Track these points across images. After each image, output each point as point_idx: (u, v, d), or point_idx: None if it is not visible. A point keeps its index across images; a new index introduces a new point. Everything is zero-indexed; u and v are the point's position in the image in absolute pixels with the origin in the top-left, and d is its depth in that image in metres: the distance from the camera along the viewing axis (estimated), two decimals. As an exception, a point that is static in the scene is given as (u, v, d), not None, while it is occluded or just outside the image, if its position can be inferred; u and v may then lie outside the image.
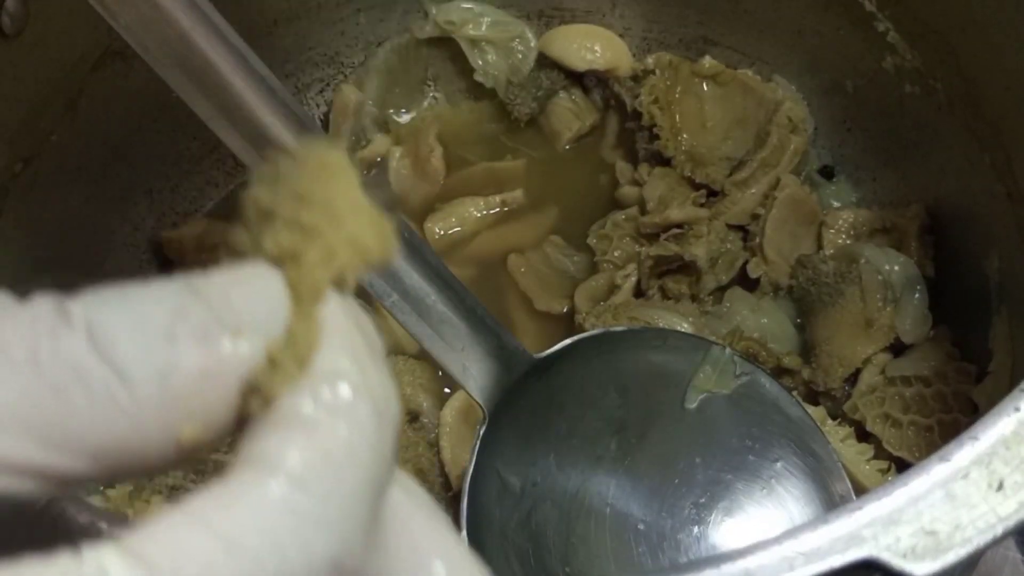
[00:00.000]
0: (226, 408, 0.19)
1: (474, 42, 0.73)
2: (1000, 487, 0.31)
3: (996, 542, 0.30)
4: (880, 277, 0.61)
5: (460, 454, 0.59)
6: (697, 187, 0.68)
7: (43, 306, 0.18)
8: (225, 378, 0.18)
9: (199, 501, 0.17)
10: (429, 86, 0.76)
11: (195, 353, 0.18)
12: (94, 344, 0.18)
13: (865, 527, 0.30)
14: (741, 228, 0.67)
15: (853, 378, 0.61)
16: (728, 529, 0.51)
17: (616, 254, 0.67)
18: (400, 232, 0.48)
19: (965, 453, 0.31)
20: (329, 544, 0.17)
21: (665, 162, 0.70)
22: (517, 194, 0.71)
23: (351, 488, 0.18)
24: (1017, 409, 0.32)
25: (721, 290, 0.66)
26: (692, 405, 0.54)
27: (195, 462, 0.19)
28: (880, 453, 0.58)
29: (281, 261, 0.20)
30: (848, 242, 0.66)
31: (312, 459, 0.18)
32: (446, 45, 0.74)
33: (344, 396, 0.19)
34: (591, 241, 0.69)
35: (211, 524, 0.17)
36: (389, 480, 0.20)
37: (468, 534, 0.48)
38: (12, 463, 0.17)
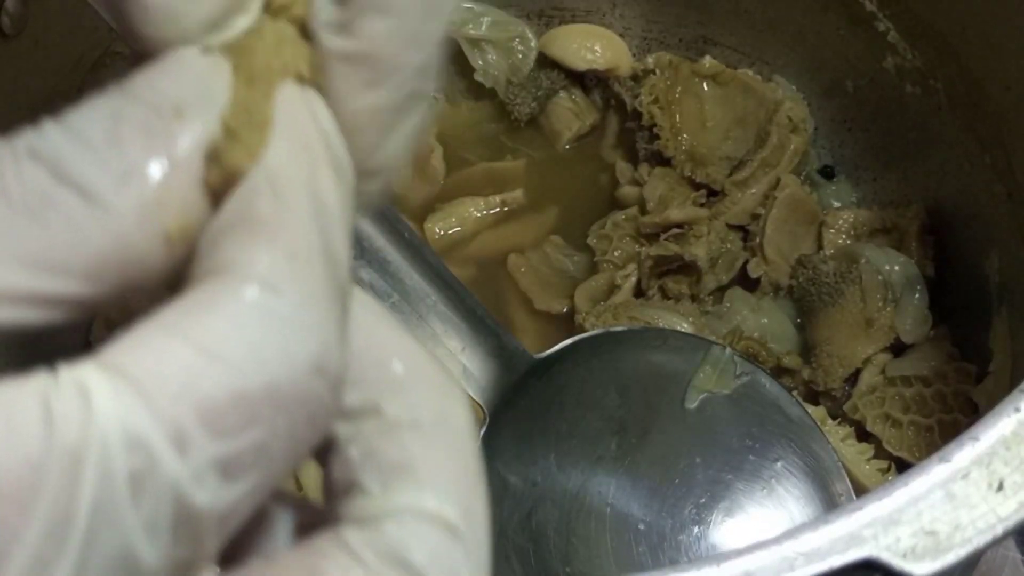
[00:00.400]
0: (199, 191, 0.18)
1: (474, 42, 0.73)
2: (1000, 487, 0.31)
3: (996, 542, 0.30)
4: (880, 277, 0.61)
5: (460, 454, 0.59)
6: (697, 187, 0.68)
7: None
8: (185, 162, 0.18)
9: (173, 314, 0.17)
10: (429, 86, 0.76)
11: (144, 147, 0.18)
12: (52, 172, 0.18)
13: (865, 527, 0.30)
14: (741, 228, 0.67)
15: (853, 378, 0.61)
16: (728, 529, 0.51)
17: (616, 254, 0.67)
18: (401, 232, 0.48)
19: (965, 453, 0.31)
20: (309, 347, 0.17)
21: (665, 162, 0.70)
22: (517, 194, 0.71)
23: (321, 287, 0.18)
24: (1017, 409, 0.32)
25: (721, 290, 0.66)
26: (692, 405, 0.54)
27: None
28: (880, 453, 0.58)
29: (231, 48, 0.20)
30: (848, 242, 0.66)
31: (279, 262, 0.18)
32: (446, 45, 0.74)
33: (295, 194, 0.18)
34: (591, 241, 0.69)
35: (189, 335, 0.17)
36: (349, 284, 0.19)
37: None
38: (10, 292, 0.17)
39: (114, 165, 0.18)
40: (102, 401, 0.16)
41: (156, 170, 0.18)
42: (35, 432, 0.16)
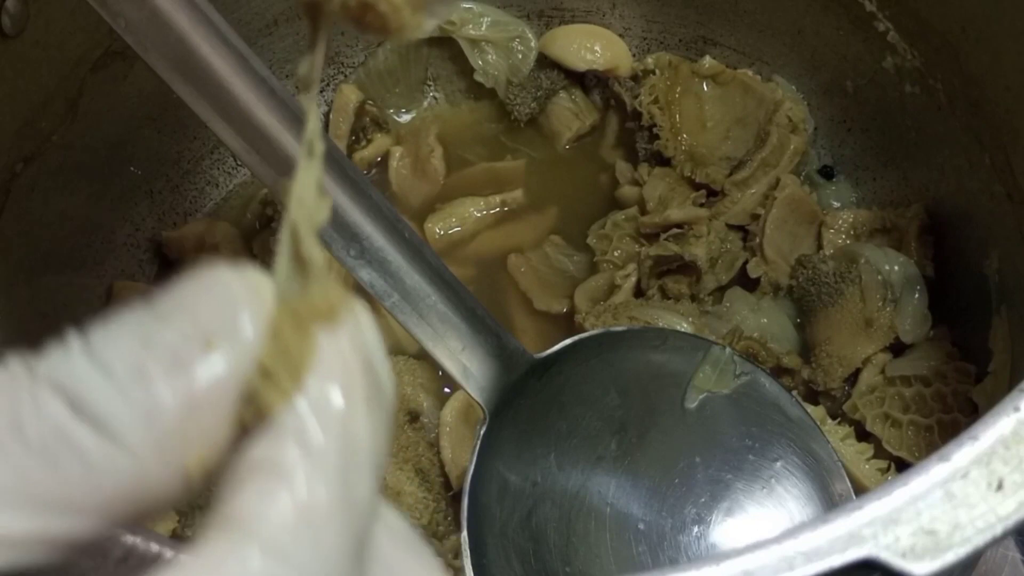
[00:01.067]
0: (223, 425, 0.18)
1: (474, 42, 0.73)
2: (1000, 487, 0.31)
3: (995, 542, 0.30)
4: (880, 277, 0.61)
5: (460, 454, 0.59)
6: (697, 187, 0.68)
7: (16, 369, 0.18)
8: (210, 399, 0.18)
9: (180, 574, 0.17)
10: (429, 86, 0.76)
11: (171, 384, 0.18)
12: (71, 405, 0.17)
13: (865, 527, 0.30)
14: (741, 228, 0.67)
15: (853, 378, 0.62)
16: (728, 528, 0.51)
17: (616, 254, 0.67)
18: (401, 232, 0.48)
19: (965, 453, 0.31)
20: None
21: (665, 162, 0.70)
22: (517, 194, 0.72)
23: (333, 547, 0.17)
24: (1017, 409, 0.32)
25: (721, 290, 0.66)
26: (692, 405, 0.54)
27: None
28: (880, 453, 0.58)
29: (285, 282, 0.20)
30: (848, 242, 0.66)
31: (292, 522, 0.17)
32: (446, 45, 0.74)
33: (321, 443, 0.18)
34: (591, 241, 0.69)
35: None
36: (372, 523, 0.19)
37: (469, 534, 0.48)
38: (14, 537, 0.16)
39: (136, 400, 0.17)
40: None
41: (180, 407, 0.17)
42: None
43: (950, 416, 0.57)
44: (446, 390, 0.63)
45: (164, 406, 0.17)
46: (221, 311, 0.19)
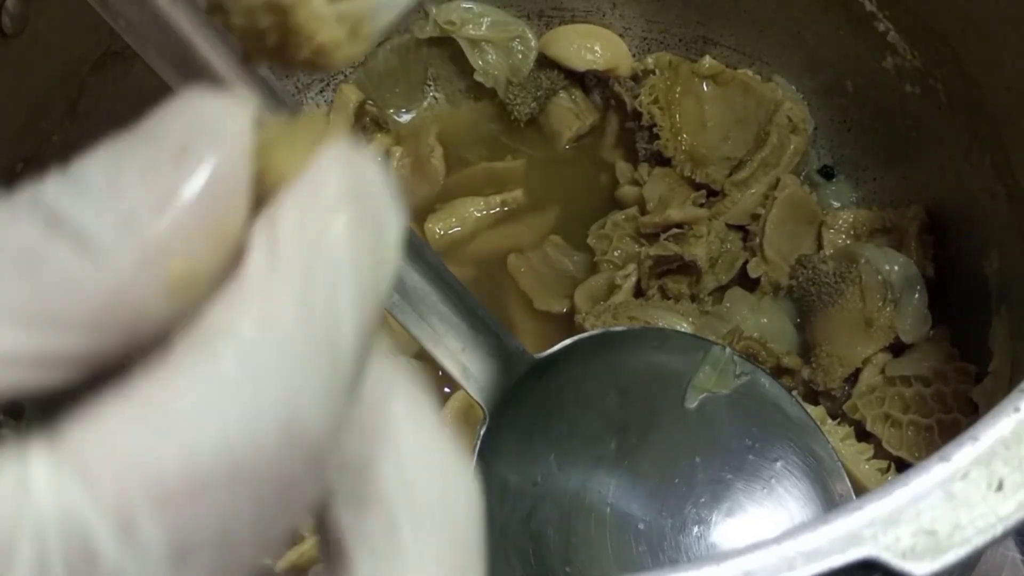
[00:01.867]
0: (206, 237, 0.17)
1: (474, 42, 0.73)
2: (1000, 487, 0.31)
3: (996, 542, 0.30)
4: (880, 277, 0.61)
5: (460, 454, 0.59)
6: (697, 187, 0.68)
7: None
8: (190, 204, 0.17)
9: (138, 383, 0.16)
10: (429, 86, 0.76)
11: (146, 189, 0.17)
12: (45, 222, 0.17)
13: (865, 527, 0.30)
14: (741, 228, 0.67)
15: (853, 378, 0.61)
16: (728, 529, 0.51)
17: (616, 254, 0.67)
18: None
19: (965, 453, 0.31)
20: (275, 416, 0.16)
21: (665, 162, 0.70)
22: (517, 194, 0.71)
23: (301, 356, 0.17)
24: (1017, 409, 0.32)
25: (721, 290, 0.66)
26: (692, 405, 0.54)
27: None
28: (880, 453, 0.58)
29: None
30: (848, 242, 0.66)
31: (256, 327, 0.17)
32: (446, 45, 0.74)
33: (301, 251, 0.17)
34: (591, 241, 0.69)
35: (146, 408, 0.16)
36: (366, 351, 0.18)
37: (468, 534, 0.48)
38: (3, 353, 0.16)
39: (112, 210, 0.17)
40: (40, 483, 0.15)
41: (158, 213, 0.17)
42: None
43: (950, 416, 0.57)
44: (446, 390, 0.63)
45: (140, 214, 0.17)
46: (199, 124, 0.18)
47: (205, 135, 0.18)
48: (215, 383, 0.16)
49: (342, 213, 0.18)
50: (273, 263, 0.17)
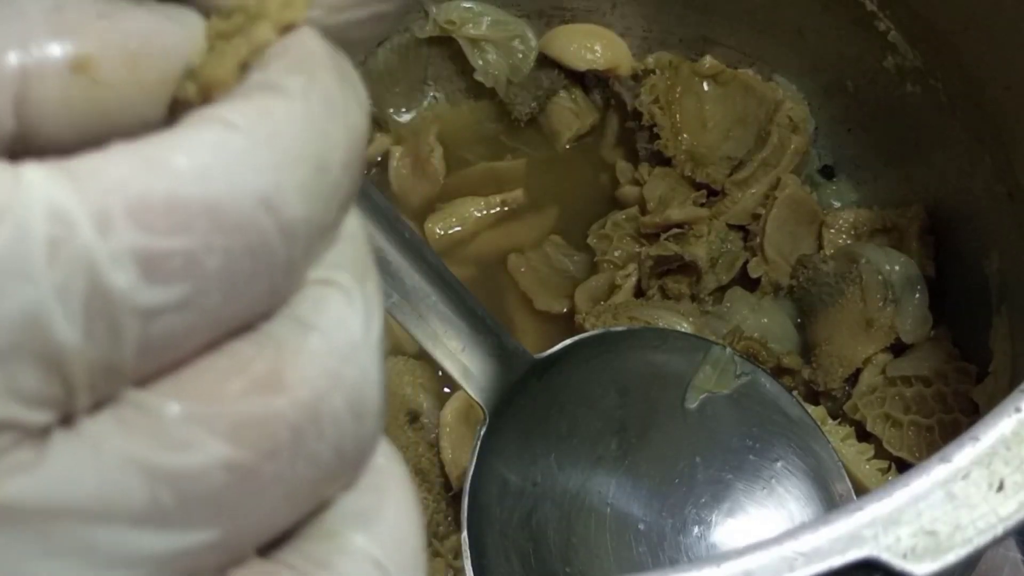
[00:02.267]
0: (128, 60, 0.19)
1: (474, 42, 0.73)
2: (1000, 487, 0.31)
3: (996, 542, 0.30)
4: (880, 277, 0.61)
5: (460, 454, 0.59)
6: (697, 187, 0.68)
7: None
8: (125, 32, 0.19)
9: (139, 141, 0.17)
10: (429, 86, 0.76)
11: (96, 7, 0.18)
12: None
13: (865, 527, 0.30)
14: (741, 228, 0.67)
15: (853, 378, 0.61)
16: (729, 529, 0.51)
17: (616, 254, 0.67)
18: (401, 232, 0.48)
19: (965, 453, 0.31)
20: (258, 181, 0.17)
21: (665, 162, 0.70)
22: (517, 194, 0.71)
23: (290, 145, 0.18)
24: (1018, 409, 0.32)
25: (721, 290, 0.66)
26: (692, 405, 0.54)
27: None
28: (880, 453, 0.58)
29: None
30: (848, 242, 0.66)
31: (254, 114, 0.18)
32: (446, 45, 0.74)
33: (292, 85, 0.19)
34: (591, 241, 0.69)
35: (140, 152, 0.17)
36: (349, 184, 0.20)
37: (469, 534, 0.48)
38: None
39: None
40: (32, 178, 0.16)
41: (91, 22, 0.18)
42: None
43: (951, 416, 0.57)
44: (446, 390, 0.63)
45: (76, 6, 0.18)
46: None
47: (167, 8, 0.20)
48: (207, 146, 0.17)
49: (331, 65, 0.19)
50: (273, 88, 0.19)
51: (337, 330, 0.19)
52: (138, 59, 0.19)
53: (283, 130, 0.18)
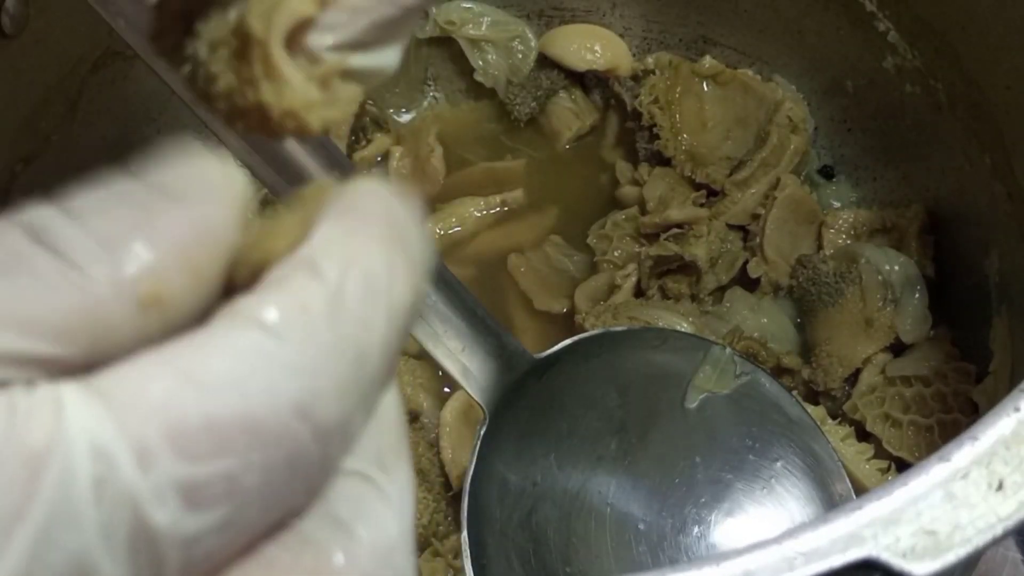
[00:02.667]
0: (182, 273, 0.18)
1: (474, 42, 0.73)
2: (1000, 487, 0.31)
3: (996, 542, 0.30)
4: (880, 277, 0.61)
5: (460, 454, 0.59)
6: (697, 187, 0.68)
7: None
8: (171, 243, 0.18)
9: (170, 346, 0.17)
10: (429, 86, 0.76)
11: (132, 222, 0.18)
12: (30, 234, 0.17)
13: (865, 527, 0.30)
14: (741, 228, 0.67)
15: (853, 378, 0.61)
16: (728, 529, 0.51)
17: (616, 254, 0.67)
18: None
19: (965, 453, 0.31)
20: (295, 390, 0.17)
21: (665, 162, 0.70)
22: (517, 194, 0.71)
23: (327, 343, 0.18)
24: (1017, 409, 0.32)
25: (721, 290, 0.66)
26: (692, 405, 0.54)
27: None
28: (880, 453, 0.58)
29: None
30: (848, 242, 0.66)
31: (289, 312, 0.18)
32: (446, 45, 0.74)
33: (330, 269, 0.18)
34: (591, 241, 0.69)
35: (175, 364, 0.17)
36: (391, 367, 0.19)
37: (469, 534, 0.48)
38: None
39: (97, 232, 0.18)
40: (71, 411, 0.16)
41: (140, 241, 0.18)
42: None
43: (950, 416, 0.57)
44: (446, 390, 0.63)
45: (122, 239, 0.18)
46: (195, 175, 0.19)
47: (201, 187, 0.19)
48: (242, 354, 0.17)
49: (379, 233, 0.19)
50: (312, 271, 0.18)
51: (373, 532, 0.19)
52: (197, 264, 0.18)
53: (320, 329, 0.18)
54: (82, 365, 0.17)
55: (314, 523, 0.19)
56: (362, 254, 0.19)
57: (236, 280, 0.19)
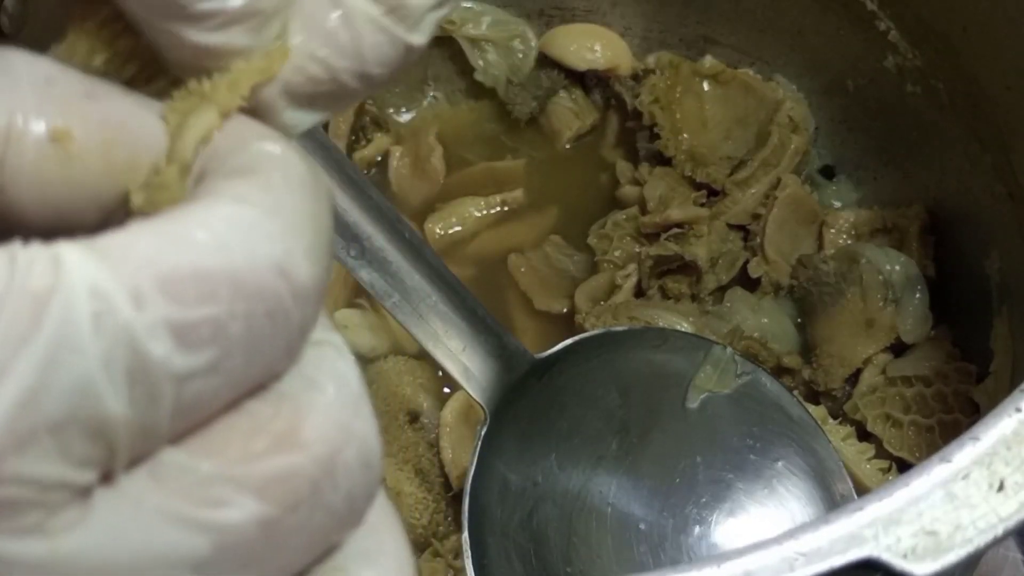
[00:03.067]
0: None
1: (474, 41, 0.73)
2: (1001, 487, 0.31)
3: (996, 542, 0.30)
4: (881, 277, 0.61)
5: (460, 454, 0.59)
6: (698, 187, 0.68)
7: None
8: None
9: (159, 217, 0.19)
10: (429, 86, 0.76)
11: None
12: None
13: (866, 527, 0.30)
14: (742, 228, 0.67)
15: (854, 378, 0.61)
16: (729, 529, 0.51)
17: (616, 254, 0.67)
18: (401, 232, 0.48)
19: (966, 453, 0.31)
20: (271, 250, 0.19)
21: (665, 162, 0.70)
22: (517, 194, 0.71)
23: (291, 210, 0.20)
24: (1018, 409, 0.32)
25: (721, 290, 0.66)
26: (693, 405, 0.54)
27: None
28: (881, 453, 0.58)
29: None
30: (849, 242, 0.66)
31: (254, 186, 0.20)
32: (446, 45, 0.74)
33: (275, 150, 0.21)
34: (591, 241, 0.69)
35: (160, 228, 0.19)
36: (330, 225, 0.21)
37: (470, 534, 0.48)
38: None
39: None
40: (69, 259, 0.17)
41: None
42: None
43: (951, 416, 0.57)
44: (446, 390, 0.63)
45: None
46: None
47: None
48: (224, 220, 0.19)
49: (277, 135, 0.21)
50: (258, 161, 0.20)
51: (342, 385, 0.21)
52: (113, 143, 0.20)
53: (286, 199, 0.20)
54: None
55: (288, 382, 0.20)
56: (289, 149, 0.21)
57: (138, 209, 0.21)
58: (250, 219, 0.19)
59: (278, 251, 0.19)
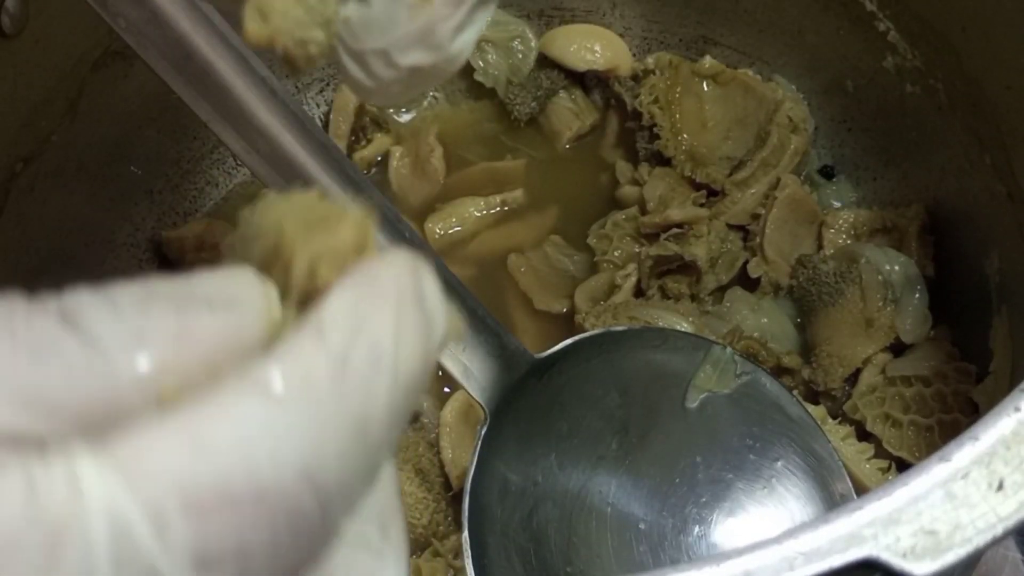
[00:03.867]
0: (206, 362, 0.19)
1: (474, 42, 0.73)
2: (1000, 487, 0.31)
3: (996, 542, 0.30)
4: (880, 277, 0.61)
5: (460, 454, 0.59)
6: (697, 187, 0.68)
7: (15, 296, 0.19)
8: (199, 342, 0.19)
9: (178, 409, 0.18)
10: (429, 86, 0.76)
11: (165, 319, 0.19)
12: (65, 319, 0.18)
13: (865, 527, 0.30)
14: (741, 228, 0.67)
15: (853, 378, 0.61)
16: (729, 528, 0.51)
17: (616, 254, 0.67)
18: (401, 232, 0.48)
19: (965, 453, 0.31)
20: (297, 454, 0.18)
21: (665, 162, 0.70)
22: (517, 194, 0.71)
23: (329, 411, 0.19)
24: (1017, 409, 0.32)
25: (721, 290, 0.66)
26: (693, 404, 0.54)
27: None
28: (880, 453, 0.58)
29: (265, 266, 0.21)
30: (848, 242, 0.66)
31: (293, 379, 0.18)
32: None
33: (336, 337, 0.19)
34: (591, 241, 0.69)
35: (185, 430, 0.18)
36: (394, 435, 0.20)
37: (470, 534, 0.48)
38: None
39: (130, 326, 0.18)
40: (89, 482, 0.17)
41: (170, 338, 0.18)
42: (17, 502, 0.16)
43: (951, 416, 0.57)
44: (446, 390, 0.63)
45: (153, 335, 0.18)
46: (229, 288, 0.20)
47: (233, 297, 0.20)
48: (249, 420, 0.18)
49: (390, 304, 0.20)
50: (319, 338, 0.19)
51: None
52: (219, 367, 0.19)
53: (324, 398, 0.19)
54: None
55: None
56: (370, 323, 0.20)
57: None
58: (278, 422, 0.18)
59: (305, 457, 0.18)
